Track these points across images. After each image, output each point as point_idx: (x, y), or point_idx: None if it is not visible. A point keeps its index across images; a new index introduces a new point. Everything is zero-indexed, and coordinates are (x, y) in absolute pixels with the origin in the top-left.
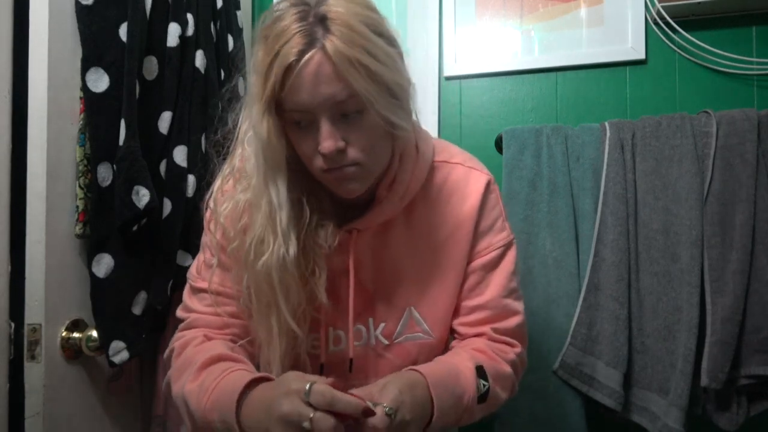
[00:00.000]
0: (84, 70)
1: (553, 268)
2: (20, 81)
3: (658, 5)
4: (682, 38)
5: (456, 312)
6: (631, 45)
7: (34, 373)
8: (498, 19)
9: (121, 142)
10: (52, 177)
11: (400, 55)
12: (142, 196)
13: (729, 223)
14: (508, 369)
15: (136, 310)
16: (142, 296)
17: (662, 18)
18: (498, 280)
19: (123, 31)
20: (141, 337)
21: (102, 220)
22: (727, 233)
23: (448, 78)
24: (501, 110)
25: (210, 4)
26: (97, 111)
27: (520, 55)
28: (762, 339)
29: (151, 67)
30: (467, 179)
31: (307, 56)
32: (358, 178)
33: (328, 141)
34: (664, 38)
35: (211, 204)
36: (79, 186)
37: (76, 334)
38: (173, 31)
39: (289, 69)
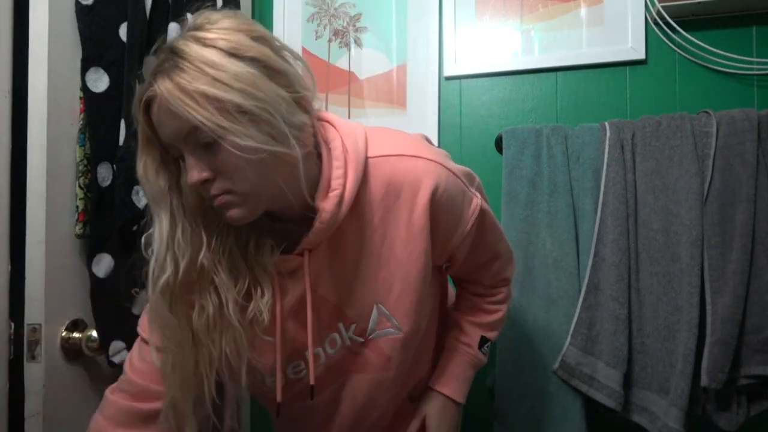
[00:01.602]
0: (84, 70)
1: (553, 268)
2: (20, 81)
3: (658, 5)
4: (682, 38)
5: (453, 276)
6: (631, 45)
7: (34, 373)
8: (498, 19)
9: (121, 142)
10: (52, 177)
11: (266, 69)
12: (142, 197)
13: (729, 223)
14: (500, 312)
15: (136, 310)
16: (143, 296)
17: (662, 18)
18: (485, 251)
19: (123, 31)
20: None
21: (102, 220)
22: (727, 233)
23: (448, 78)
24: (501, 110)
25: (210, 3)
26: (97, 111)
27: (520, 55)
28: (762, 339)
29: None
30: (414, 171)
31: (150, 95)
32: (235, 206)
33: (190, 173)
34: (664, 38)
35: None
36: (79, 186)
37: (76, 334)
38: (173, 31)
39: (146, 107)
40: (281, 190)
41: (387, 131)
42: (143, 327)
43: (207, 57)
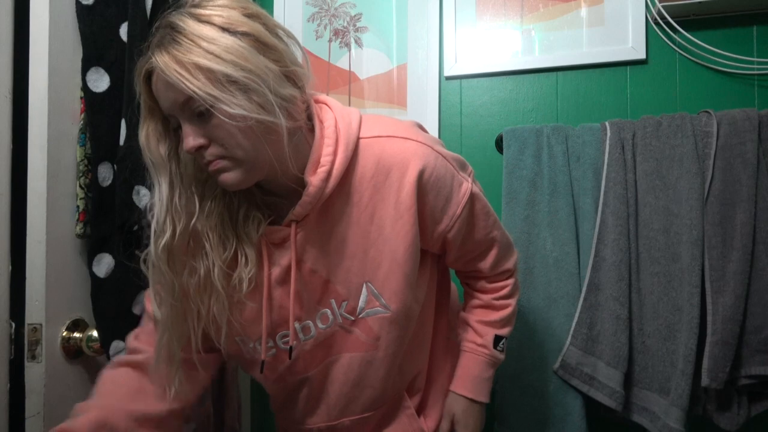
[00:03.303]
0: (84, 70)
1: (554, 268)
2: (21, 81)
3: (659, 5)
4: (682, 38)
5: (455, 269)
6: (631, 45)
7: (34, 373)
8: (498, 18)
9: (121, 142)
10: (53, 177)
11: (258, 43)
12: (143, 196)
13: (730, 223)
14: (509, 308)
15: (137, 309)
16: (143, 296)
17: (663, 18)
18: (480, 239)
19: (123, 31)
20: None
21: (103, 219)
22: (727, 233)
23: (449, 78)
24: (501, 110)
25: None
26: (97, 111)
27: (520, 55)
28: (763, 339)
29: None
30: (403, 152)
31: (149, 67)
32: (228, 170)
33: (187, 139)
34: (664, 38)
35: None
36: (80, 186)
37: (76, 334)
38: None
39: (147, 79)
40: (271, 159)
41: (382, 117)
42: (149, 297)
43: (202, 31)
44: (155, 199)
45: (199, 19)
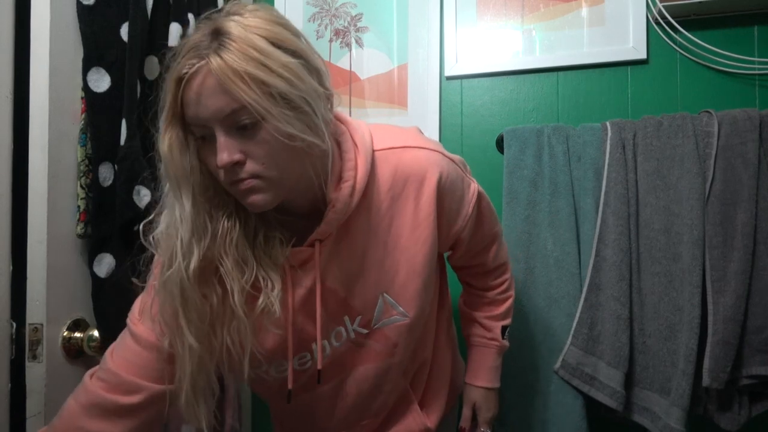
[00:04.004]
0: (85, 70)
1: (555, 268)
2: (22, 81)
3: (660, 5)
4: (683, 38)
5: (457, 266)
6: (632, 45)
7: (35, 373)
8: (499, 18)
9: (122, 142)
10: (54, 177)
11: (308, 66)
12: (143, 196)
13: (730, 223)
14: (510, 300)
15: None
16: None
17: (663, 17)
18: (485, 233)
19: (124, 31)
20: None
21: (103, 220)
22: (728, 233)
23: (449, 78)
24: (502, 110)
25: (211, 3)
26: (98, 111)
27: (521, 55)
28: (764, 339)
29: (152, 67)
30: (418, 161)
31: (192, 70)
32: (260, 191)
33: (222, 154)
34: (665, 38)
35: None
36: (81, 186)
37: (77, 334)
38: (174, 30)
39: (179, 83)
40: (303, 180)
41: (386, 126)
42: (134, 318)
43: (254, 41)
44: (176, 216)
45: (247, 29)
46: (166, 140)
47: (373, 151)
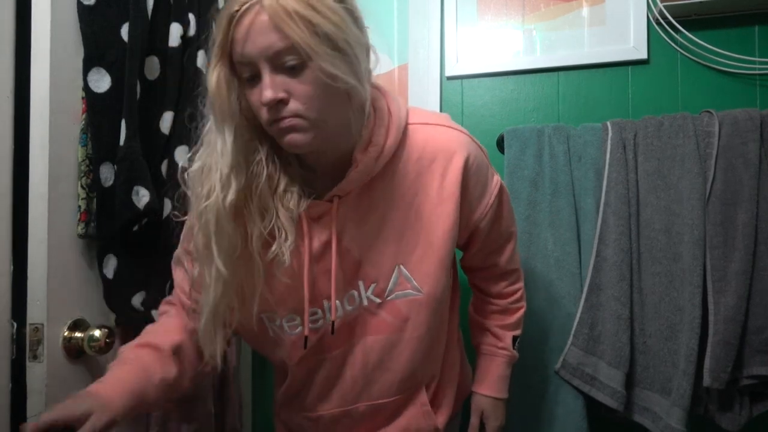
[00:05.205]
0: (86, 70)
1: (555, 268)
2: (22, 81)
3: (660, 5)
4: (684, 38)
5: (470, 267)
6: (633, 44)
7: (36, 373)
8: (500, 18)
9: (122, 143)
10: (54, 177)
11: (352, 15)
12: (142, 197)
13: (731, 223)
14: (522, 310)
15: (135, 301)
16: (142, 296)
17: (664, 17)
18: (502, 229)
19: (124, 31)
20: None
21: (105, 220)
22: (729, 233)
23: (450, 78)
24: (503, 110)
25: (212, 3)
26: (98, 111)
27: (521, 55)
28: (764, 339)
29: (152, 67)
30: (449, 140)
31: (245, 7)
32: (300, 130)
33: (267, 91)
34: (666, 38)
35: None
36: (81, 186)
37: (78, 334)
38: (175, 31)
39: (231, 20)
40: (339, 130)
41: (421, 108)
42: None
43: None
44: (217, 148)
45: None
46: (214, 75)
47: (407, 123)
